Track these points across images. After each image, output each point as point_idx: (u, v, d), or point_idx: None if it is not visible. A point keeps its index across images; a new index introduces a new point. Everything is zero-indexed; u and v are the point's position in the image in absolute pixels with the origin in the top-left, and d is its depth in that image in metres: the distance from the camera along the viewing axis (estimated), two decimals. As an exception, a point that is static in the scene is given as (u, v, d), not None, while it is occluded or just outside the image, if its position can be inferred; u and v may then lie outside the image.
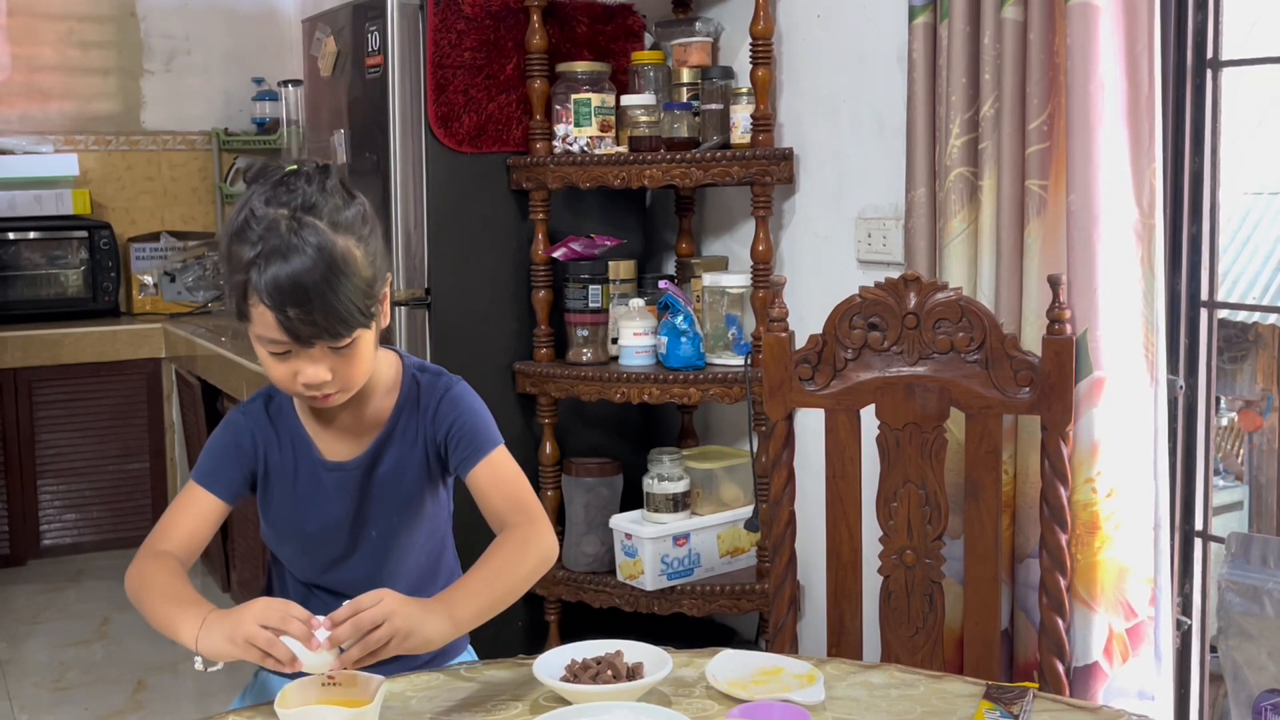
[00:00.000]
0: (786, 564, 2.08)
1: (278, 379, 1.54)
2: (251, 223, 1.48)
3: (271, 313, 1.45)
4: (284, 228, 1.46)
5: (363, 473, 1.65)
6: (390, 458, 1.66)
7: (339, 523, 1.66)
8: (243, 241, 1.47)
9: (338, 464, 1.65)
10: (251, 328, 1.51)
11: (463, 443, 1.65)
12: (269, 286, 1.44)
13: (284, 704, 1.37)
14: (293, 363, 1.51)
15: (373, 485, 1.66)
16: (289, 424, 1.66)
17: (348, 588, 1.63)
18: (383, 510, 1.67)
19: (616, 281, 2.85)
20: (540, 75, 2.86)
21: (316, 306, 1.45)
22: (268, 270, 1.44)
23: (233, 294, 1.49)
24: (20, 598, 4.25)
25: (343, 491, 1.65)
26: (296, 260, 1.44)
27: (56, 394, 4.55)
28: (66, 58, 4.90)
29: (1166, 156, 2.10)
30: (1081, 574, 2.06)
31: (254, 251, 1.46)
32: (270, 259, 1.44)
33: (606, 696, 1.42)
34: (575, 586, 2.84)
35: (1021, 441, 2.14)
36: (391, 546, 1.68)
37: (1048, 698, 1.50)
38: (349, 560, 1.68)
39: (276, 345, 1.50)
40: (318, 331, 1.47)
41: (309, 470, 1.65)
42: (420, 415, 1.66)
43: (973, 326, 1.96)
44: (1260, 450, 5.11)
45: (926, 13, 2.26)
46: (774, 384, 2.05)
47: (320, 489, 1.65)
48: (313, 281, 1.44)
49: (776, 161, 2.71)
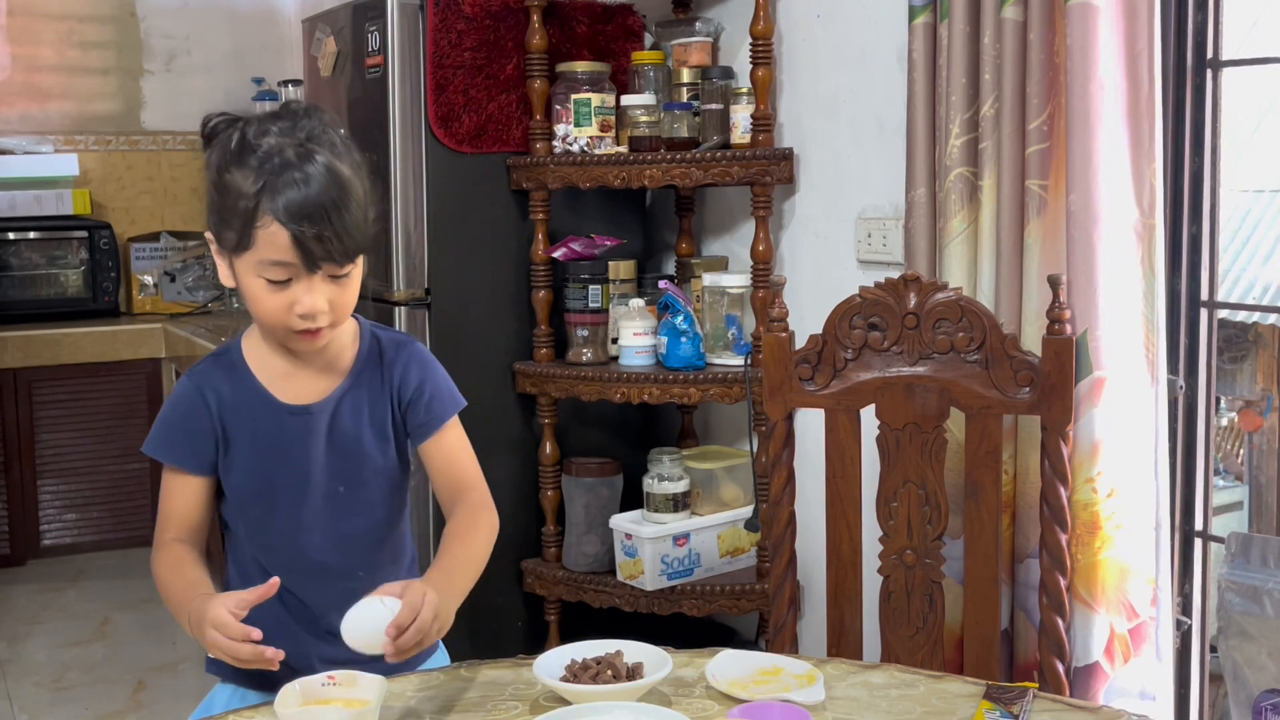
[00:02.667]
0: (786, 564, 2.08)
1: (271, 311, 1.52)
2: (251, 150, 1.49)
3: (286, 231, 1.46)
4: (292, 153, 1.48)
5: (327, 417, 1.62)
6: (354, 406, 1.63)
7: (305, 472, 1.62)
8: (243, 167, 1.49)
9: (301, 407, 1.62)
10: (250, 256, 1.49)
11: (429, 404, 1.65)
12: (285, 204, 1.46)
13: (284, 704, 1.37)
14: (291, 292, 1.51)
15: (336, 433, 1.62)
16: (243, 378, 1.62)
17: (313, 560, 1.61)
18: (348, 463, 1.63)
19: (616, 281, 2.85)
20: (540, 75, 2.86)
21: (330, 225, 1.47)
22: (282, 189, 1.46)
23: (233, 221, 1.49)
24: (20, 598, 4.25)
25: (308, 436, 1.61)
26: (312, 180, 1.47)
27: (56, 394, 4.55)
28: (66, 58, 4.89)
29: (1166, 156, 2.10)
30: (1082, 574, 2.06)
31: (263, 175, 1.47)
32: (283, 179, 1.47)
33: (606, 696, 1.42)
34: (575, 586, 2.84)
35: (1021, 441, 2.14)
36: (356, 504, 1.64)
37: (1048, 698, 1.50)
38: (317, 520, 1.63)
39: (281, 271, 1.49)
40: (329, 252, 1.48)
41: (271, 418, 1.61)
42: (384, 369, 1.65)
43: (973, 326, 1.97)
44: (1260, 450, 5.12)
45: (926, 13, 2.26)
46: (774, 384, 2.05)
47: (284, 434, 1.61)
48: (328, 200, 1.47)
49: (776, 161, 2.71)
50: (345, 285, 1.54)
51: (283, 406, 1.62)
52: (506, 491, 2.98)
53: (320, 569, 1.64)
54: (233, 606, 1.41)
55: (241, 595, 1.44)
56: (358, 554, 1.66)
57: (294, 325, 1.53)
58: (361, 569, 1.64)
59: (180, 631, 4.11)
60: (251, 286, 1.53)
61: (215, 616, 1.41)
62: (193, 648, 3.83)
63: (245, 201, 1.48)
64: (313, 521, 1.64)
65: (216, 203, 1.52)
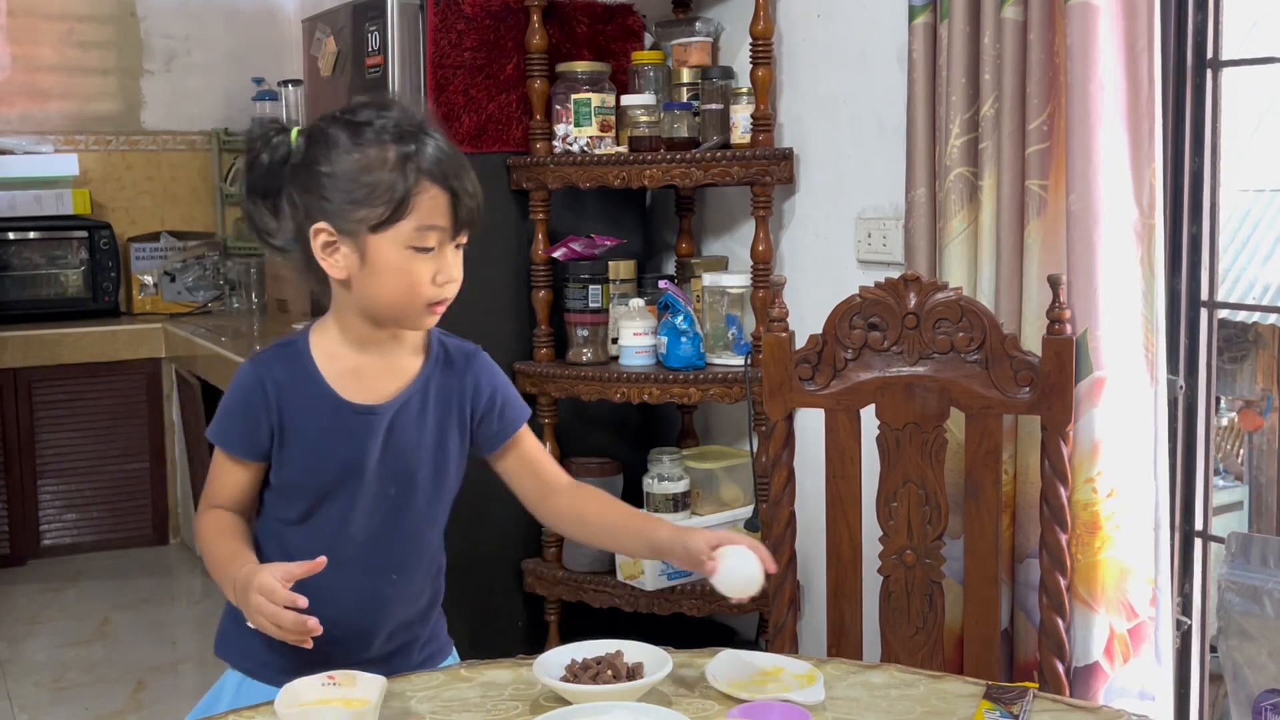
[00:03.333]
0: (786, 564, 2.08)
1: (412, 284, 1.53)
2: (368, 126, 1.52)
3: (444, 192, 1.50)
4: (411, 125, 1.52)
5: (390, 419, 1.61)
6: (417, 411, 1.62)
7: (359, 470, 1.60)
8: (376, 144, 1.51)
9: (366, 407, 1.60)
10: (403, 226, 1.50)
11: (505, 410, 1.69)
12: (438, 166, 1.50)
13: (284, 704, 1.37)
14: (436, 260, 1.53)
15: (395, 436, 1.61)
16: (308, 372, 1.61)
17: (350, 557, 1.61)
18: (402, 467, 1.62)
19: (616, 281, 2.85)
20: (540, 75, 2.86)
21: (473, 189, 1.53)
22: (430, 153, 1.51)
23: (379, 196, 1.50)
24: (20, 598, 4.25)
25: (368, 436, 1.60)
26: (443, 143, 1.53)
27: (56, 394, 4.55)
28: (66, 58, 4.90)
29: (1166, 156, 2.10)
30: (1082, 574, 2.06)
31: (403, 143, 1.50)
32: (425, 145, 1.51)
33: (606, 696, 1.42)
34: (575, 586, 2.84)
35: (1021, 441, 2.14)
36: (404, 507, 1.63)
37: (1048, 698, 1.50)
38: (362, 519, 1.62)
39: (434, 236, 1.52)
40: (471, 213, 1.54)
41: (331, 413, 1.60)
42: (455, 377, 1.66)
43: (973, 326, 1.97)
44: (1260, 450, 5.11)
45: (926, 13, 2.26)
46: (774, 384, 2.05)
47: (344, 431, 1.60)
48: (465, 163, 1.54)
49: (776, 161, 2.71)
50: (460, 259, 1.58)
51: (346, 405, 1.60)
52: (506, 491, 2.98)
53: (357, 567, 1.63)
54: (280, 576, 1.43)
55: (288, 567, 1.45)
56: (395, 556, 1.65)
57: (432, 297, 1.55)
58: (395, 571, 1.65)
59: (180, 631, 4.12)
60: (393, 260, 1.52)
61: (262, 582, 1.43)
62: (193, 648, 3.83)
63: (394, 172, 1.50)
64: (357, 520, 1.62)
65: (345, 186, 1.51)
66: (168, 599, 4.26)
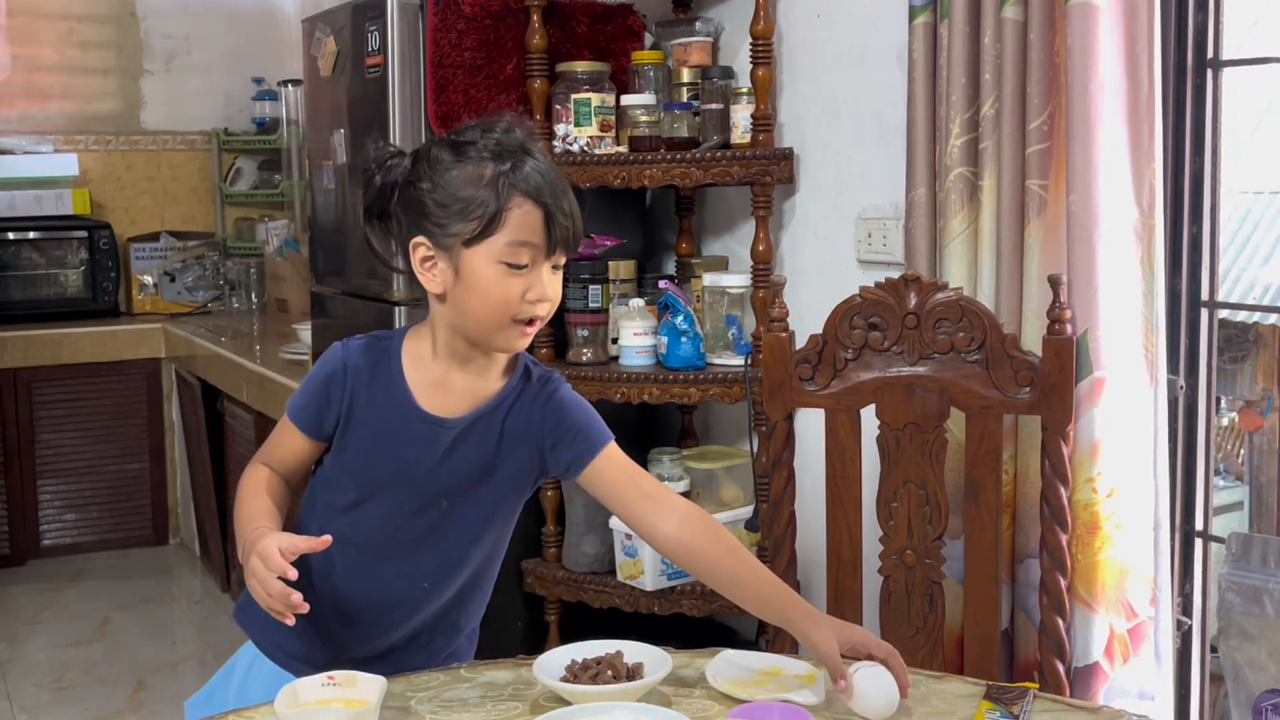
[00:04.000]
0: (786, 564, 2.08)
1: (508, 299, 1.53)
2: (473, 145, 1.54)
3: (539, 210, 1.52)
4: (512, 142, 1.55)
5: (457, 434, 1.61)
6: (485, 431, 1.62)
7: (414, 476, 1.61)
8: (476, 161, 1.53)
9: (435, 417, 1.60)
10: (494, 241, 1.51)
11: (580, 435, 1.64)
12: (535, 183, 1.52)
13: (284, 704, 1.37)
14: (526, 278, 1.53)
15: (458, 452, 1.61)
16: (391, 370, 1.61)
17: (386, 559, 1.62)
18: (459, 482, 1.62)
19: (616, 281, 2.84)
20: (540, 75, 2.86)
21: (570, 210, 1.55)
22: (528, 171, 1.52)
23: (473, 210, 1.51)
24: (20, 598, 4.25)
25: (430, 446, 1.60)
26: (545, 163, 1.55)
27: (56, 394, 4.55)
28: (66, 58, 4.90)
29: (1166, 156, 2.10)
30: (1082, 574, 2.06)
31: (501, 161, 1.52)
32: (524, 163, 1.53)
33: (606, 697, 1.42)
34: (575, 587, 2.84)
35: (1021, 441, 2.14)
36: (453, 523, 1.63)
37: (1048, 698, 1.50)
38: (407, 524, 1.62)
39: (526, 253, 1.52)
40: (566, 234, 1.54)
41: (400, 415, 1.60)
42: (529, 402, 1.64)
43: (973, 326, 1.97)
44: (1260, 450, 5.11)
45: (926, 13, 2.26)
46: (774, 384, 2.05)
47: (408, 436, 1.60)
48: (562, 183, 1.56)
49: (776, 161, 2.71)
50: (557, 281, 1.58)
51: (418, 410, 1.60)
52: (506, 491, 2.98)
53: (393, 567, 1.64)
54: (284, 545, 1.44)
55: (294, 540, 1.45)
56: (432, 567, 1.65)
57: (521, 314, 1.54)
58: (428, 580, 1.65)
59: (180, 631, 4.12)
60: (485, 275, 1.53)
61: (263, 546, 1.44)
62: (193, 648, 3.84)
63: (488, 188, 1.51)
64: (404, 523, 1.63)
65: (444, 201, 1.53)
66: (168, 599, 4.27)
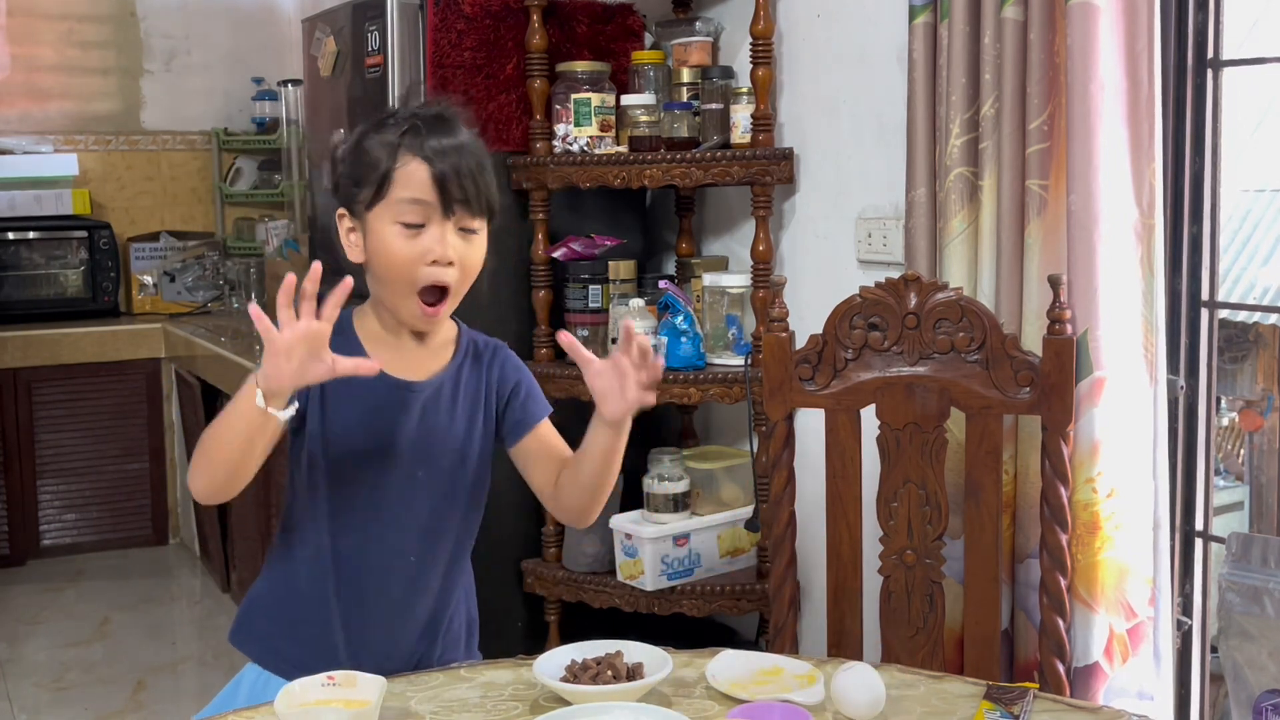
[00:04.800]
0: (786, 564, 2.08)
1: (403, 260, 1.57)
2: (391, 117, 1.60)
3: (426, 167, 1.55)
4: (432, 116, 1.59)
5: (424, 399, 1.65)
6: (450, 395, 1.67)
7: (391, 444, 1.64)
8: (382, 129, 1.59)
9: (403, 381, 1.64)
10: (388, 200, 1.56)
11: (528, 401, 1.72)
12: (430, 143, 1.56)
13: (284, 704, 1.37)
14: (424, 239, 1.56)
15: (428, 417, 1.65)
16: (350, 346, 1.63)
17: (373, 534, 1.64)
18: (432, 448, 1.66)
19: (616, 281, 2.85)
20: (540, 75, 2.86)
21: (467, 171, 1.56)
22: (428, 133, 1.57)
23: (370, 175, 1.56)
24: (20, 598, 4.25)
25: (403, 411, 1.64)
26: (454, 131, 1.59)
27: (56, 394, 4.55)
28: (66, 58, 4.90)
29: (1166, 156, 2.10)
30: (1082, 574, 2.06)
31: (407, 125, 1.57)
32: (430, 126, 1.57)
33: (606, 697, 1.42)
34: (575, 586, 2.84)
35: (1021, 441, 2.14)
36: (431, 492, 1.67)
37: (1048, 698, 1.50)
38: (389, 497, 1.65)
39: (416, 211, 1.56)
40: (464, 194, 1.56)
41: (369, 386, 1.61)
42: (482, 369, 1.70)
43: (973, 326, 1.96)
44: (1260, 450, 5.11)
45: (926, 12, 2.26)
46: (774, 384, 2.05)
47: (380, 404, 1.64)
48: (468, 148, 1.58)
49: (776, 161, 2.71)
50: (473, 243, 1.60)
51: (384, 378, 1.62)
52: (506, 492, 2.96)
53: (378, 546, 1.66)
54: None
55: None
56: (414, 539, 1.67)
57: (422, 278, 1.57)
58: (414, 554, 1.67)
59: (180, 631, 4.12)
60: (384, 236, 1.57)
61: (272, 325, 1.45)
62: (193, 648, 3.84)
63: (385, 150, 1.56)
64: (387, 497, 1.66)
65: (351, 169, 1.60)
66: (168, 599, 4.27)
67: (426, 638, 1.72)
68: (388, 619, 1.68)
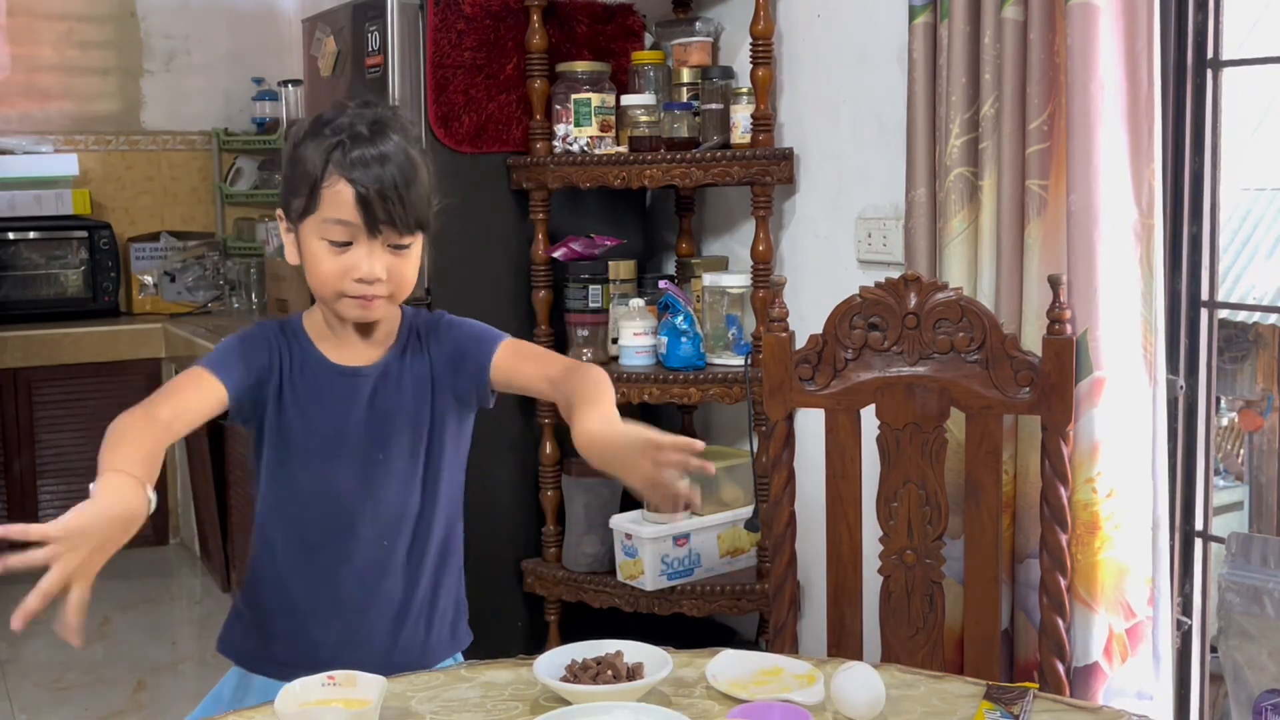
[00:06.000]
0: (786, 564, 2.08)
1: (329, 275, 1.58)
2: (327, 124, 1.58)
3: (351, 189, 1.54)
4: (365, 126, 1.57)
5: (372, 382, 1.66)
6: (397, 376, 1.68)
7: (345, 430, 1.66)
8: (318, 138, 1.57)
9: (349, 368, 1.67)
10: (317, 215, 1.56)
11: (473, 343, 1.69)
12: (353, 163, 1.54)
13: (284, 704, 1.37)
14: (351, 256, 1.57)
15: (378, 400, 1.66)
16: (301, 340, 1.68)
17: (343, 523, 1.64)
18: (386, 430, 1.67)
19: (616, 281, 2.85)
20: (540, 75, 2.86)
21: (393, 191, 1.55)
22: (353, 150, 1.55)
23: (301, 187, 1.57)
24: (20, 598, 4.24)
25: (352, 396, 1.66)
26: (381, 147, 1.56)
27: (56, 394, 4.55)
28: (66, 58, 4.89)
29: (1166, 156, 2.10)
30: (1081, 574, 2.06)
31: (336, 139, 1.56)
32: (354, 144, 1.55)
33: (606, 697, 1.42)
34: (575, 586, 2.84)
35: (1021, 441, 2.14)
36: (391, 474, 1.67)
37: (1048, 698, 1.50)
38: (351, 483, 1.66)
39: (342, 232, 1.56)
40: (390, 216, 1.55)
41: (318, 375, 1.66)
42: (424, 345, 1.70)
43: (973, 326, 1.96)
44: (1260, 450, 5.11)
45: (926, 13, 2.26)
46: (774, 384, 2.05)
47: (330, 393, 1.66)
48: (395, 168, 1.56)
49: (776, 161, 2.71)
50: (405, 258, 1.60)
51: (331, 366, 1.67)
52: (506, 492, 2.98)
53: (346, 531, 1.67)
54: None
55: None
56: (385, 523, 1.68)
57: (349, 290, 1.58)
58: (386, 539, 1.68)
59: (180, 631, 4.12)
60: (313, 249, 1.58)
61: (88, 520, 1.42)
62: (193, 648, 3.84)
63: (315, 164, 1.56)
64: (347, 484, 1.66)
65: (288, 174, 1.61)
66: (168, 599, 4.26)
67: (407, 621, 1.71)
68: (362, 605, 1.68)
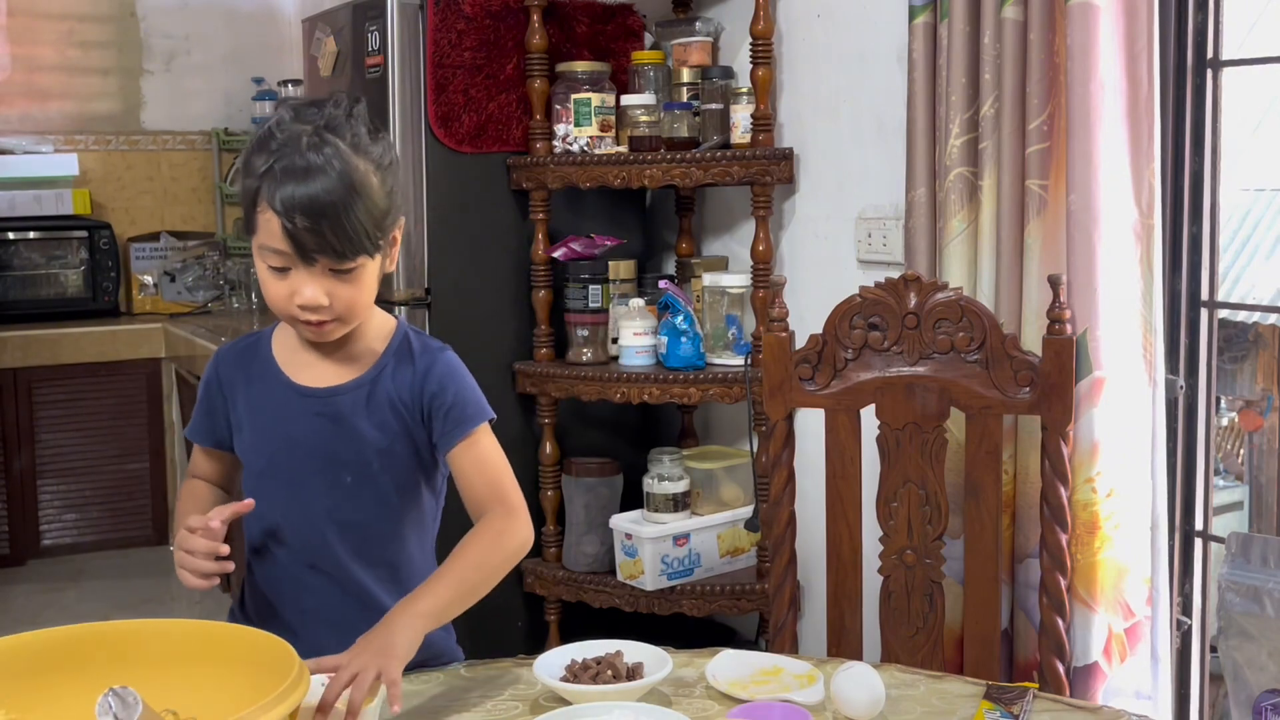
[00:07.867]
0: (786, 564, 2.08)
1: (275, 298, 1.54)
2: (274, 133, 1.52)
3: (278, 220, 1.46)
4: (305, 142, 1.49)
5: (337, 403, 1.60)
6: (368, 400, 1.61)
7: (305, 454, 1.60)
8: (262, 150, 1.51)
9: (311, 389, 1.62)
10: (256, 239, 1.52)
11: (452, 411, 1.61)
12: (281, 194, 1.46)
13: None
14: (292, 281, 1.51)
15: (344, 422, 1.60)
16: (262, 360, 1.64)
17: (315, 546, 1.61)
18: (354, 453, 1.61)
19: (616, 281, 2.85)
20: (540, 75, 2.86)
21: (326, 221, 1.47)
22: (282, 179, 1.47)
23: (244, 204, 1.53)
24: (20, 598, 4.25)
25: (313, 418, 1.61)
26: (313, 173, 1.47)
27: (56, 394, 4.55)
28: (66, 58, 4.89)
29: (1166, 156, 2.10)
30: (1081, 574, 2.06)
31: (270, 160, 1.49)
32: (287, 169, 1.47)
33: (606, 696, 1.42)
34: (575, 586, 2.84)
35: (1021, 441, 2.14)
36: (361, 497, 1.61)
37: (1048, 698, 1.50)
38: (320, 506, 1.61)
39: (278, 258, 1.50)
40: (323, 246, 1.48)
41: (277, 397, 1.62)
42: (412, 371, 1.62)
43: (973, 326, 1.96)
44: (1260, 450, 5.11)
45: (926, 12, 2.26)
46: (774, 384, 2.05)
47: (288, 414, 1.61)
48: (326, 196, 1.47)
49: (776, 161, 2.71)
50: (352, 280, 1.52)
51: (292, 386, 1.62)
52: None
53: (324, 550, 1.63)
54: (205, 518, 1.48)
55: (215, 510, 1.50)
56: (355, 545, 1.63)
57: (295, 314, 1.54)
58: (362, 558, 1.63)
59: (180, 631, 4.10)
60: (261, 270, 1.55)
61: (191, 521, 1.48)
62: (193, 648, 3.83)
63: (251, 181, 1.51)
64: (316, 507, 1.62)
65: (240, 180, 1.57)
66: (168, 599, 4.26)
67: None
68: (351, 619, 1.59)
